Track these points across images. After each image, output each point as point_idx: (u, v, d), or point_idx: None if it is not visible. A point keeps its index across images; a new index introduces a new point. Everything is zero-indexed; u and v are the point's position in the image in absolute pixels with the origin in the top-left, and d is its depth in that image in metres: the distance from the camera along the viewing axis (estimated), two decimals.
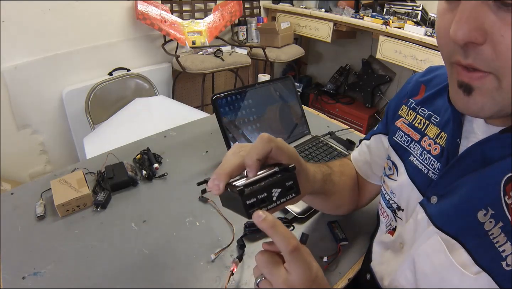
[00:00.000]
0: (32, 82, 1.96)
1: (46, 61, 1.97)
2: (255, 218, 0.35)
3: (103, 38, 2.20)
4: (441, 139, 0.49)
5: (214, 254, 0.67)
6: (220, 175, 0.39)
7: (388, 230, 0.59)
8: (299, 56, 2.82)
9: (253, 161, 0.39)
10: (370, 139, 0.69)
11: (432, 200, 0.46)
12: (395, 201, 0.56)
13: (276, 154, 0.42)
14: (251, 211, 0.37)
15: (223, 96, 0.90)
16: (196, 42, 2.46)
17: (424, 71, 0.60)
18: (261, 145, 0.41)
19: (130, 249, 0.68)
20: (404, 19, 2.35)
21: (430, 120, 0.52)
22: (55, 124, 2.15)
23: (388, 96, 2.98)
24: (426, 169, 0.50)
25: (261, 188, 0.38)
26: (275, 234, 0.35)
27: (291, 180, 0.41)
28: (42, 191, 0.81)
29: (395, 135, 0.58)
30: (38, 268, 0.62)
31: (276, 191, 0.39)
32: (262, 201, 0.38)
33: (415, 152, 0.53)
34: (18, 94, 1.93)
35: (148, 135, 1.09)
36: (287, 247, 0.35)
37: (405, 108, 0.58)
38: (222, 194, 0.40)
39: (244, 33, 2.85)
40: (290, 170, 0.41)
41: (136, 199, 0.82)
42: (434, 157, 0.49)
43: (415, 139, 0.54)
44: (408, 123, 0.56)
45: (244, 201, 0.36)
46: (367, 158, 0.69)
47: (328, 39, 2.67)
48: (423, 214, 0.47)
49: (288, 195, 0.40)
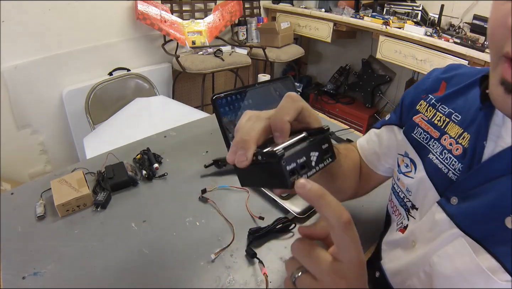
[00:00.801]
0: (32, 82, 1.96)
1: (46, 61, 1.97)
2: (300, 187, 0.29)
3: (103, 38, 2.20)
4: (463, 140, 0.47)
5: (214, 254, 0.67)
6: (246, 142, 0.33)
7: (399, 228, 0.58)
8: (299, 56, 2.82)
9: (284, 123, 0.34)
10: (380, 129, 0.66)
11: (452, 201, 0.45)
12: (410, 199, 0.55)
13: (304, 116, 0.37)
14: (292, 179, 0.32)
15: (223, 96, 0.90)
16: (196, 42, 2.46)
17: (444, 68, 0.58)
18: (291, 104, 0.35)
19: (130, 249, 0.68)
20: (404, 19, 2.35)
21: (450, 118, 0.51)
22: (55, 124, 2.16)
23: (388, 96, 2.98)
24: (446, 168, 0.48)
25: (299, 151, 0.33)
26: (325, 205, 0.29)
27: (327, 142, 0.36)
28: (42, 191, 0.81)
29: (414, 132, 0.56)
30: (38, 268, 0.62)
31: (314, 154, 0.34)
32: (302, 166, 0.33)
33: (434, 150, 0.51)
34: (18, 94, 1.93)
35: (148, 135, 1.09)
36: (339, 219, 0.28)
37: (424, 103, 0.57)
38: (245, 167, 0.34)
39: (244, 33, 2.85)
40: (324, 132, 0.36)
41: (136, 199, 0.82)
42: (456, 157, 0.47)
43: (434, 136, 0.52)
44: (427, 120, 0.55)
45: (284, 167, 0.31)
46: (376, 148, 0.66)
47: (328, 39, 2.67)
48: (443, 214, 0.46)
49: (325, 160, 0.36)
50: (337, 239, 0.29)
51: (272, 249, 0.69)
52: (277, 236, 0.72)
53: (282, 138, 0.34)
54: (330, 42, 2.70)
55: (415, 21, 2.31)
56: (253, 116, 0.36)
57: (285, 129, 0.34)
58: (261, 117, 0.35)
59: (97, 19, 2.12)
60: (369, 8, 2.56)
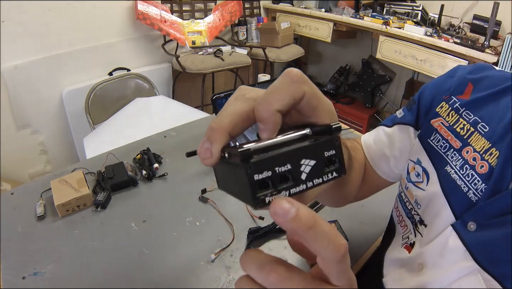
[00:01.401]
0: (32, 82, 1.96)
1: (46, 61, 1.97)
2: (277, 211, 0.19)
3: (103, 38, 2.20)
4: (490, 157, 0.40)
5: (214, 254, 0.67)
6: (213, 132, 0.24)
7: (404, 243, 0.52)
8: (299, 56, 2.82)
9: (271, 112, 0.23)
10: (392, 128, 0.56)
11: (470, 227, 0.39)
12: (419, 213, 0.49)
13: (308, 105, 0.25)
14: (260, 195, 0.21)
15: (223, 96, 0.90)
16: (196, 42, 2.46)
17: (472, 67, 0.51)
18: (287, 87, 0.24)
19: (130, 249, 0.68)
20: (404, 19, 2.35)
21: (476, 128, 0.44)
22: (55, 124, 2.16)
23: (388, 96, 2.98)
24: (466, 187, 0.42)
25: (282, 155, 0.22)
26: (316, 238, 0.20)
27: (333, 148, 0.24)
28: (42, 191, 0.81)
29: (430, 137, 0.49)
30: (38, 268, 0.62)
31: (307, 163, 0.23)
32: (283, 178, 0.22)
33: (453, 163, 0.45)
34: (18, 94, 1.93)
35: (148, 135, 1.09)
36: (336, 253, 0.20)
37: (445, 106, 0.49)
38: (217, 165, 0.24)
39: (244, 33, 2.85)
40: (332, 131, 0.25)
41: (136, 199, 0.82)
42: (480, 176, 0.41)
43: (454, 147, 0.45)
44: (448, 126, 0.47)
45: (250, 176, 0.21)
46: (385, 149, 0.57)
47: (328, 39, 2.67)
48: (458, 242, 0.40)
49: (327, 174, 0.24)
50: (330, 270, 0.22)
51: (272, 249, 0.69)
52: (277, 236, 0.72)
53: (267, 133, 0.23)
54: (330, 42, 2.70)
55: (415, 21, 2.31)
56: (240, 95, 0.26)
57: (271, 121, 0.23)
58: (248, 98, 0.25)
59: (97, 19, 2.12)
60: (369, 8, 2.56)
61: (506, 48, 1.77)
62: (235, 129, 0.24)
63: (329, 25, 2.62)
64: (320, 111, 0.26)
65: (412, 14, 2.34)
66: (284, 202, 0.19)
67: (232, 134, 0.24)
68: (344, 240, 0.21)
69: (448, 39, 2.03)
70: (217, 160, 0.23)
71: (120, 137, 1.22)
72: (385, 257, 0.56)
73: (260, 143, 0.22)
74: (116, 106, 1.79)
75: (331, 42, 2.70)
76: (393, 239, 0.56)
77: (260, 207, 0.21)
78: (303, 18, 2.80)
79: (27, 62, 1.91)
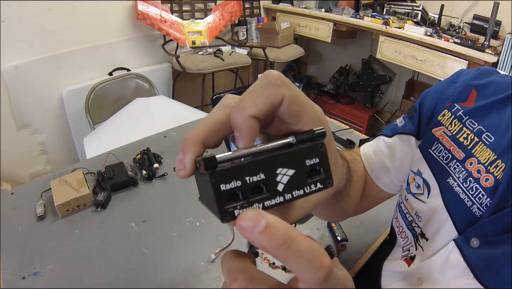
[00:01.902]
0: (32, 82, 1.96)
1: (46, 61, 1.97)
2: (243, 224, 0.17)
3: (103, 38, 2.20)
4: (496, 169, 0.38)
5: (214, 254, 0.67)
6: (185, 142, 0.22)
7: (405, 256, 0.50)
8: (299, 56, 2.82)
9: (245, 118, 0.21)
10: (392, 138, 0.54)
11: (473, 243, 0.37)
12: (420, 226, 0.47)
13: (289, 111, 0.23)
14: (229, 207, 0.19)
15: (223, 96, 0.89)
16: (196, 42, 2.46)
17: (475, 72, 0.48)
18: (262, 90, 0.22)
19: (130, 249, 0.68)
20: (404, 19, 2.35)
21: (480, 138, 0.41)
22: (55, 124, 2.15)
23: (388, 97, 2.98)
24: (470, 201, 0.39)
25: (254, 163, 0.20)
26: (293, 257, 0.17)
27: (317, 156, 0.22)
28: (42, 191, 0.81)
29: (432, 148, 0.46)
30: (38, 268, 0.62)
31: (284, 172, 0.21)
32: (256, 189, 0.20)
33: (456, 175, 0.42)
34: (18, 94, 1.93)
35: (148, 135, 1.09)
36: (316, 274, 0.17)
37: (448, 114, 0.46)
38: (196, 176, 0.23)
39: (244, 33, 2.85)
40: (315, 138, 0.22)
41: (136, 199, 0.82)
42: (484, 190, 0.38)
43: (457, 158, 0.43)
44: (450, 136, 0.44)
45: (214, 184, 0.19)
46: (385, 161, 0.54)
47: (328, 39, 2.67)
48: (459, 257, 0.38)
49: (309, 185, 0.21)
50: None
51: None
52: None
53: (242, 141, 0.21)
54: (330, 42, 2.70)
55: (415, 21, 2.31)
56: (220, 104, 0.24)
57: (245, 127, 0.21)
58: (226, 105, 0.24)
59: (97, 19, 2.12)
60: (369, 8, 2.56)
61: (506, 48, 1.77)
62: (210, 139, 0.22)
63: (329, 25, 2.62)
64: (303, 117, 0.23)
65: (412, 14, 2.34)
66: (252, 213, 0.17)
67: (208, 144, 0.22)
68: (327, 258, 0.18)
69: (448, 39, 2.03)
70: (190, 171, 0.22)
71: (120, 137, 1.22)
72: (383, 267, 0.54)
73: (235, 153, 0.20)
74: (116, 106, 1.79)
75: (331, 42, 2.70)
76: (393, 250, 0.54)
77: (228, 220, 0.19)
78: (303, 18, 2.80)
79: (27, 62, 1.91)
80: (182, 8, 2.51)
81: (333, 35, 2.63)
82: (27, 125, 2.05)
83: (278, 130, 0.24)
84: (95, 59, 2.19)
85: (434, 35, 2.09)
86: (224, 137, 0.23)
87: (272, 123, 0.24)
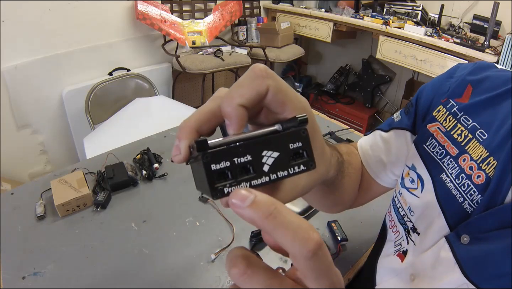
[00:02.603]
0: (32, 82, 1.96)
1: (46, 61, 1.97)
2: (236, 201, 0.19)
3: (103, 38, 2.20)
4: (488, 166, 0.38)
5: (214, 254, 0.67)
6: (181, 130, 0.24)
7: (397, 251, 0.50)
8: (299, 56, 2.82)
9: (234, 107, 0.23)
10: (388, 132, 0.55)
11: (463, 240, 0.38)
12: (412, 220, 0.47)
13: (275, 101, 0.25)
14: (219, 186, 0.21)
15: None
16: (196, 42, 2.46)
17: (472, 66, 0.48)
18: (248, 81, 0.24)
19: (130, 249, 0.68)
20: (404, 19, 2.35)
21: (474, 135, 0.41)
22: (55, 124, 2.15)
23: (388, 97, 2.98)
24: (462, 197, 0.40)
25: (242, 146, 0.22)
26: (280, 227, 0.18)
27: (299, 140, 0.24)
28: (42, 191, 0.81)
29: (426, 143, 0.47)
30: (38, 268, 0.62)
31: (269, 155, 0.23)
32: (243, 169, 0.22)
33: (449, 171, 0.43)
34: (18, 94, 1.93)
35: (148, 135, 1.09)
36: (304, 247, 0.18)
37: (443, 110, 0.46)
38: (191, 164, 0.25)
39: (244, 33, 2.85)
40: (297, 124, 0.24)
41: (136, 199, 0.82)
42: (476, 187, 0.39)
43: (451, 154, 0.43)
44: (445, 132, 0.45)
45: (206, 164, 0.21)
46: (381, 155, 0.55)
47: (328, 39, 2.67)
48: (449, 253, 0.39)
49: (292, 166, 0.24)
50: (303, 269, 0.19)
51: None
52: None
53: (232, 128, 0.23)
54: (330, 42, 2.70)
55: (415, 21, 2.31)
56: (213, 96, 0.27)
57: (234, 115, 0.23)
58: (217, 96, 0.26)
59: (97, 19, 2.12)
60: (369, 8, 2.56)
61: (506, 48, 1.77)
62: (203, 127, 0.25)
63: (329, 25, 2.62)
64: (288, 106, 0.25)
65: (412, 14, 2.34)
66: (242, 190, 0.19)
67: (201, 132, 0.25)
68: (316, 234, 0.19)
69: (448, 39, 2.03)
70: (185, 156, 0.24)
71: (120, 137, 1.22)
72: (378, 264, 0.55)
73: (224, 139, 0.23)
74: (116, 106, 1.79)
75: (331, 42, 2.70)
76: (385, 246, 0.55)
77: (218, 197, 0.21)
78: (303, 18, 2.80)
79: (27, 62, 1.91)
80: (182, 8, 2.51)
81: (333, 35, 2.63)
82: (27, 125, 2.05)
83: (267, 119, 0.27)
84: (95, 59, 2.19)
85: (434, 35, 2.09)
86: (216, 125, 0.26)
87: (261, 113, 0.27)
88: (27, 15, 1.83)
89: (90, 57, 2.16)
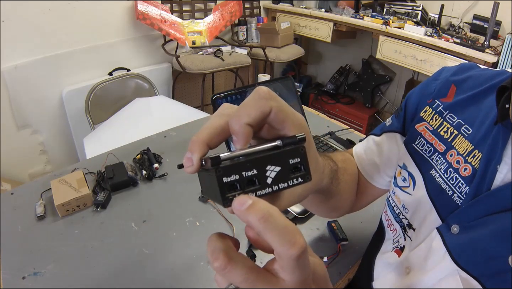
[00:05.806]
0: (32, 82, 1.96)
1: (46, 61, 1.97)
2: (236, 205, 0.22)
3: (103, 38, 2.20)
4: (473, 159, 0.41)
5: None
6: (193, 143, 0.27)
7: (395, 247, 0.52)
8: (299, 56, 2.82)
9: (241, 125, 0.26)
10: (380, 136, 0.58)
11: (453, 230, 0.40)
12: (407, 217, 0.49)
13: (276, 119, 0.28)
14: (229, 195, 0.24)
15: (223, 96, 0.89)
16: (196, 42, 2.46)
17: (455, 68, 0.51)
18: (254, 102, 0.27)
19: (130, 249, 0.68)
20: (404, 19, 2.35)
21: (459, 131, 0.44)
22: (55, 124, 2.15)
23: (388, 97, 2.98)
24: (451, 190, 0.42)
25: (249, 161, 0.26)
26: (270, 229, 0.21)
27: (298, 156, 0.27)
28: (42, 191, 0.81)
29: (415, 142, 0.50)
30: (38, 268, 0.62)
31: (272, 169, 0.26)
32: (250, 182, 0.26)
33: (438, 166, 0.45)
34: (18, 94, 1.93)
35: (148, 135, 1.09)
36: (290, 250, 0.21)
37: (429, 110, 0.49)
38: (199, 173, 0.28)
39: (244, 33, 2.85)
40: (296, 142, 0.28)
41: (136, 199, 0.82)
42: (463, 179, 0.41)
43: (439, 150, 0.46)
44: (432, 130, 0.48)
45: (219, 177, 0.24)
46: (375, 158, 0.58)
47: (328, 39, 2.67)
48: (440, 243, 0.41)
49: (291, 179, 0.27)
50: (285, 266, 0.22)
51: None
52: None
53: (239, 144, 0.26)
54: (330, 42, 2.70)
55: (415, 21, 2.31)
56: (219, 112, 0.29)
57: (241, 132, 0.26)
58: (225, 114, 0.28)
59: (97, 19, 2.12)
60: (369, 8, 2.56)
61: (506, 48, 1.77)
62: (213, 141, 0.27)
63: (329, 25, 2.62)
64: (288, 124, 0.29)
65: (412, 14, 2.34)
66: (243, 196, 0.22)
67: (210, 145, 0.27)
68: (302, 238, 0.22)
69: (448, 39, 2.03)
70: (197, 167, 0.27)
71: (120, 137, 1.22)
72: (375, 261, 0.56)
73: (233, 153, 0.26)
74: (116, 106, 1.79)
75: (331, 42, 2.70)
76: (384, 244, 0.56)
77: (229, 205, 0.24)
78: (303, 18, 2.80)
79: (27, 62, 1.91)
80: (182, 8, 2.51)
81: (333, 35, 2.63)
82: (27, 125, 2.05)
83: (268, 134, 0.30)
84: (95, 59, 2.19)
85: (434, 35, 2.09)
86: (223, 140, 0.28)
87: (263, 129, 0.30)
88: (27, 15, 1.83)
89: (90, 57, 2.16)
